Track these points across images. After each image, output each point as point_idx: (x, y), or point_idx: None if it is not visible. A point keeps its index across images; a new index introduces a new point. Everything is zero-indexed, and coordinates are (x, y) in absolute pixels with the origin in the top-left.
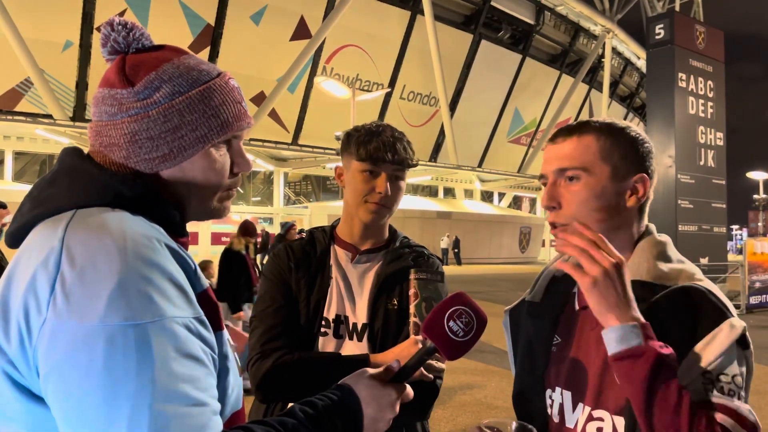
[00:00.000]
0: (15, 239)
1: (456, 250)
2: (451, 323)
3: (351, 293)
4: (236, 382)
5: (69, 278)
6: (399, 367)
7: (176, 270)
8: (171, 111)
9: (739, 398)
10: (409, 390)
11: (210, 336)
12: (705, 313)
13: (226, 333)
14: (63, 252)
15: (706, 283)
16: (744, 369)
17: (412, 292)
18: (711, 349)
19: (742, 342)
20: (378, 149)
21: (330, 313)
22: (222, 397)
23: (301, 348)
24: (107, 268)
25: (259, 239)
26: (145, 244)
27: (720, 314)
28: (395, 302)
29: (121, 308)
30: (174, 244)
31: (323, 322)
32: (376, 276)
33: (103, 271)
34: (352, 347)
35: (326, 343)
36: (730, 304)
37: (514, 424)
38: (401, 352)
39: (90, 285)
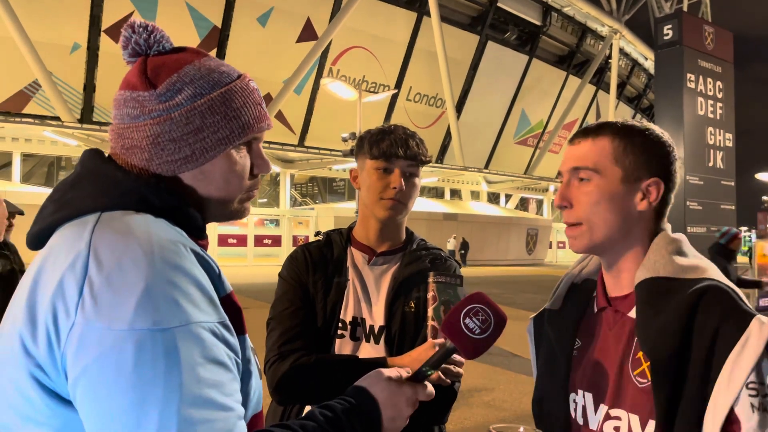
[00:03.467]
0: (37, 241)
1: (463, 252)
2: (467, 320)
3: (368, 295)
4: (257, 385)
5: (97, 282)
6: (412, 373)
7: (201, 274)
8: (193, 113)
9: None
10: (431, 389)
11: (234, 340)
12: (730, 314)
13: (247, 337)
14: (90, 255)
15: (724, 281)
16: None
17: (430, 295)
18: (746, 355)
19: None
20: (391, 146)
21: (347, 315)
22: (245, 401)
23: (318, 350)
24: (135, 272)
25: None
26: (171, 249)
27: (745, 314)
28: (413, 305)
29: (150, 313)
30: (198, 248)
31: (340, 325)
32: (393, 278)
33: (131, 276)
34: (369, 350)
35: (343, 346)
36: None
37: (521, 429)
38: (418, 356)
39: (118, 289)
